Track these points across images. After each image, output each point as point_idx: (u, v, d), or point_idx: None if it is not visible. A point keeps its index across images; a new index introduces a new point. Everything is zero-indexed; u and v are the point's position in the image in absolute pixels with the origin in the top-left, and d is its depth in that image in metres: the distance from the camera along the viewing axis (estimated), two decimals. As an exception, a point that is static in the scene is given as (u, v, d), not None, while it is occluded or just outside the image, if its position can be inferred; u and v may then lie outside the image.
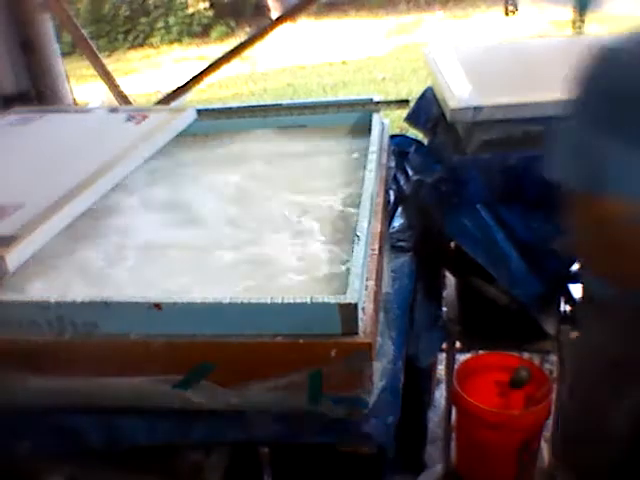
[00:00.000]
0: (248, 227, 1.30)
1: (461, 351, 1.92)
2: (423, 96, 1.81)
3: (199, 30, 10.19)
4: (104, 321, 1.00)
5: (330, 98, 3.31)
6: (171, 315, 0.97)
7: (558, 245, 1.45)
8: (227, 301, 0.96)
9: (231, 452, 1.18)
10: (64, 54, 2.64)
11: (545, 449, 2.00)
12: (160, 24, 10.18)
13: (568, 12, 2.37)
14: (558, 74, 1.62)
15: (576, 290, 1.76)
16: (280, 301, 0.94)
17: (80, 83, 5.87)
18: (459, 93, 1.47)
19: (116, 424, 1.07)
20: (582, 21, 2.29)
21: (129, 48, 10.10)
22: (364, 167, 1.36)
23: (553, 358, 2.16)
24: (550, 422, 1.87)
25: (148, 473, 1.14)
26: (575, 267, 1.72)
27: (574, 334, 1.75)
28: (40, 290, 1.10)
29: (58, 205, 1.19)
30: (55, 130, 1.65)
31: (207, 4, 10.15)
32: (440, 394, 2.24)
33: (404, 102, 1.78)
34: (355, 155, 1.57)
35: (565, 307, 1.71)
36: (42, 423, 1.08)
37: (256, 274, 1.14)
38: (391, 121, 1.81)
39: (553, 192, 1.42)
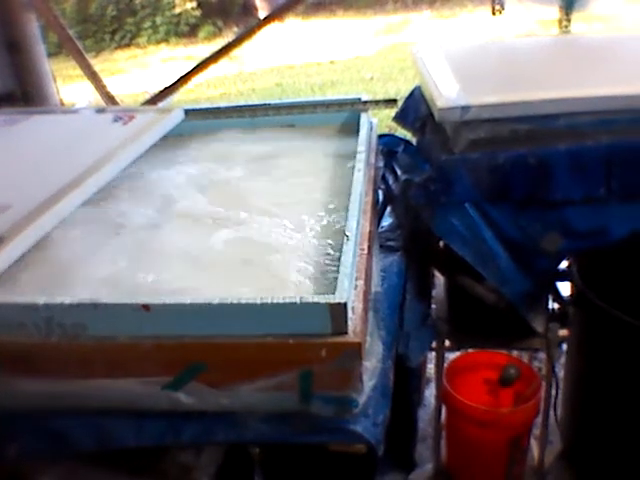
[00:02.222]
0: (236, 224, 1.30)
1: (450, 350, 1.92)
2: (411, 95, 1.82)
3: (186, 30, 10.17)
4: (93, 323, 0.99)
5: (318, 98, 3.31)
6: (160, 316, 0.97)
7: (546, 243, 1.46)
8: (216, 302, 0.95)
9: (222, 453, 1.18)
10: (50, 54, 2.63)
11: (535, 446, 2.01)
12: (147, 24, 10.15)
13: (554, 11, 2.38)
14: (545, 73, 1.64)
15: (564, 288, 1.77)
16: (269, 301, 0.94)
17: (67, 83, 5.84)
18: (447, 92, 1.48)
19: (105, 426, 1.06)
20: (568, 20, 2.31)
21: (116, 48, 10.06)
22: (352, 167, 1.36)
23: (542, 356, 2.17)
24: (539, 419, 1.89)
25: (138, 475, 1.14)
26: (563, 265, 1.73)
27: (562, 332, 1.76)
28: (28, 292, 1.10)
29: (46, 206, 1.19)
30: (42, 131, 1.64)
31: (194, 4, 10.13)
32: (430, 393, 2.25)
33: (392, 101, 1.78)
34: (343, 154, 1.57)
35: (553, 305, 1.72)
36: (30, 425, 1.07)
37: (244, 273, 1.14)
38: (379, 120, 1.81)
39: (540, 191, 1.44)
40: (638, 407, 1.67)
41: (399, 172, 1.74)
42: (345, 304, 0.93)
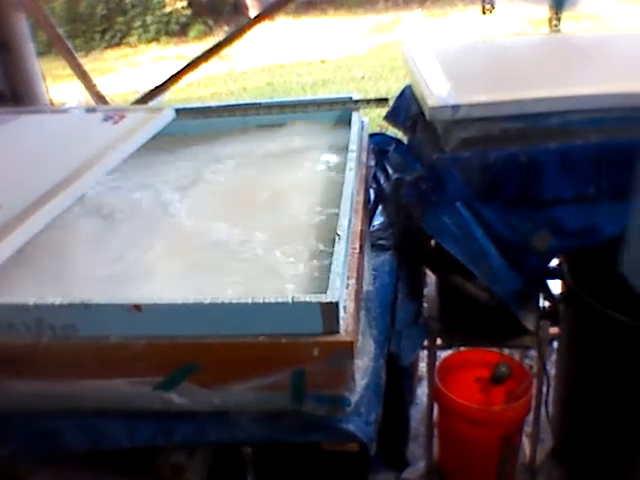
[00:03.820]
0: (228, 225, 1.29)
1: (442, 348, 1.93)
2: (402, 94, 1.82)
3: (177, 29, 10.14)
4: (83, 323, 0.99)
5: (310, 97, 3.32)
6: (151, 316, 0.97)
7: (537, 242, 1.47)
8: (208, 301, 0.95)
9: (214, 453, 1.18)
10: (40, 53, 2.61)
11: (526, 444, 2.02)
12: (137, 23, 10.11)
13: (545, 11, 2.39)
14: (535, 72, 1.64)
15: (555, 286, 1.78)
16: (261, 301, 0.94)
17: (56, 83, 5.82)
18: (437, 91, 1.48)
19: (97, 427, 1.06)
20: (558, 19, 2.31)
21: (106, 47, 10.02)
22: (344, 166, 1.36)
23: (533, 353, 2.18)
24: (531, 417, 1.89)
25: (131, 475, 1.13)
26: (554, 263, 1.74)
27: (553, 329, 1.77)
28: (18, 292, 1.09)
29: (36, 206, 1.18)
30: (32, 131, 1.63)
31: (185, 3, 10.10)
32: (422, 391, 2.26)
33: (383, 100, 1.78)
34: (335, 154, 1.57)
35: (544, 303, 1.73)
36: (22, 427, 1.07)
37: (236, 273, 1.13)
38: (370, 119, 1.81)
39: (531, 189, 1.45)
40: (628, 404, 1.68)
41: (390, 171, 1.74)
42: (337, 303, 0.93)
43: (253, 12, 8.82)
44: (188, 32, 10.07)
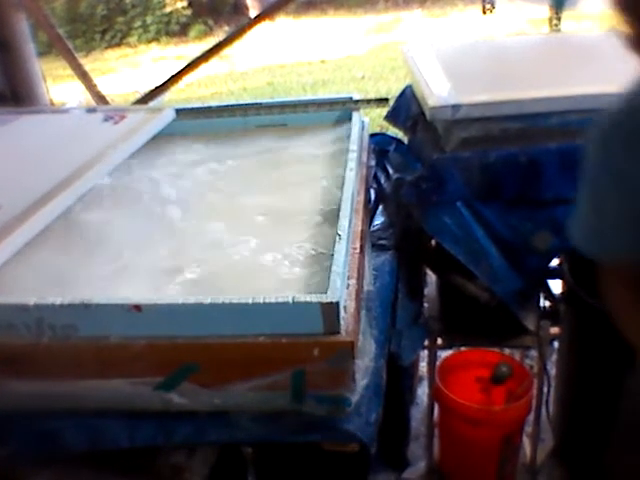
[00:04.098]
0: (227, 225, 1.30)
1: (443, 348, 1.92)
2: (402, 94, 1.82)
3: (177, 29, 10.13)
4: (83, 323, 0.99)
5: (310, 97, 3.32)
6: (151, 317, 0.97)
7: (537, 242, 1.47)
8: (208, 302, 0.95)
9: (214, 453, 1.18)
10: (40, 54, 2.61)
11: (527, 444, 2.02)
12: (138, 23, 10.11)
13: (545, 10, 2.40)
14: (536, 72, 1.64)
15: (555, 286, 1.78)
16: (262, 301, 0.94)
17: (57, 83, 5.82)
18: (438, 91, 1.48)
19: (97, 427, 1.06)
20: (559, 19, 2.32)
21: (106, 48, 10.02)
22: (344, 166, 1.36)
23: (533, 353, 2.18)
24: (531, 417, 1.89)
25: (130, 475, 1.13)
26: (554, 263, 1.74)
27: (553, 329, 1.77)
28: (18, 292, 1.09)
29: (36, 207, 1.18)
30: (32, 131, 1.63)
31: (185, 3, 10.09)
32: (422, 391, 2.25)
33: (383, 100, 1.78)
34: (335, 154, 1.57)
35: (545, 303, 1.73)
36: (22, 427, 1.07)
37: (236, 273, 1.13)
38: (371, 119, 1.81)
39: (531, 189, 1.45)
40: (628, 405, 1.67)
41: (391, 171, 1.74)
42: (337, 303, 0.93)
43: (253, 12, 8.82)
44: (188, 32, 10.07)
